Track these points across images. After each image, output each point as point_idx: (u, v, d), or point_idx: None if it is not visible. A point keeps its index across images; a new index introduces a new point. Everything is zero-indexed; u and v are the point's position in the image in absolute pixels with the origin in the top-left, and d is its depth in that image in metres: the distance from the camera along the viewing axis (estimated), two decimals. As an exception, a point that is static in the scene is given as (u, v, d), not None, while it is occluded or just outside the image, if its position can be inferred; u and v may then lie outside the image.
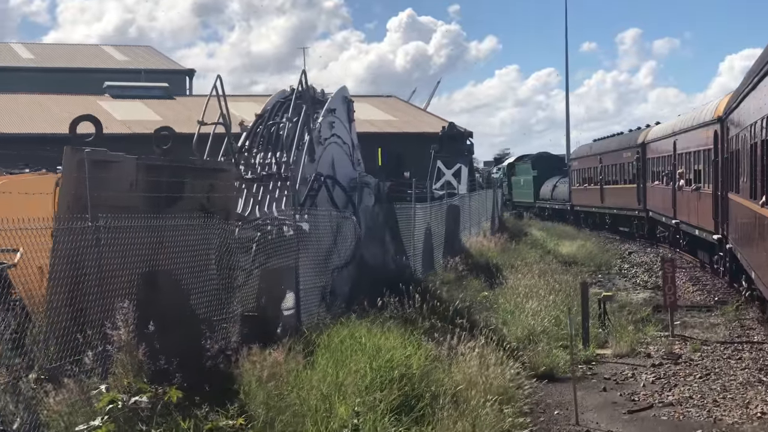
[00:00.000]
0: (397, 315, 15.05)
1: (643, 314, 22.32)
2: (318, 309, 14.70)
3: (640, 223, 44.45)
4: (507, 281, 24.52)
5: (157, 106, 47.89)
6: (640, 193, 42.77)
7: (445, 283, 23.27)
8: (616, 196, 47.36)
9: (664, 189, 36.50)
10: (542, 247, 39.59)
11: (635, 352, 17.84)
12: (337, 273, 16.59)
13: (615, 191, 47.52)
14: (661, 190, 37.48)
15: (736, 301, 23.54)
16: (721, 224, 25.78)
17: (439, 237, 26.42)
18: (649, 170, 40.95)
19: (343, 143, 18.99)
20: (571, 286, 24.80)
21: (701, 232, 29.41)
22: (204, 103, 16.40)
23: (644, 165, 41.91)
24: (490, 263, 28.21)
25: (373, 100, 57.61)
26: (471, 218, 36.03)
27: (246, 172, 16.53)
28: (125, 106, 48.46)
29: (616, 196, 47.23)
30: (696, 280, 29.43)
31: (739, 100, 20.99)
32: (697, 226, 30.03)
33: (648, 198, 41.67)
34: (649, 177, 40.90)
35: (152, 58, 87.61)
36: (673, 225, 35.55)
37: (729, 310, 22.49)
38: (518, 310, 19.70)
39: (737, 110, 21.69)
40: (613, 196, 47.95)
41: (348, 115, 19.55)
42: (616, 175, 47.75)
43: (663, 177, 37.05)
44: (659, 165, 38.56)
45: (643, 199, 42.47)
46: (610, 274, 33.36)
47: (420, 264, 23.31)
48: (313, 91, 19.26)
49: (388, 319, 14.80)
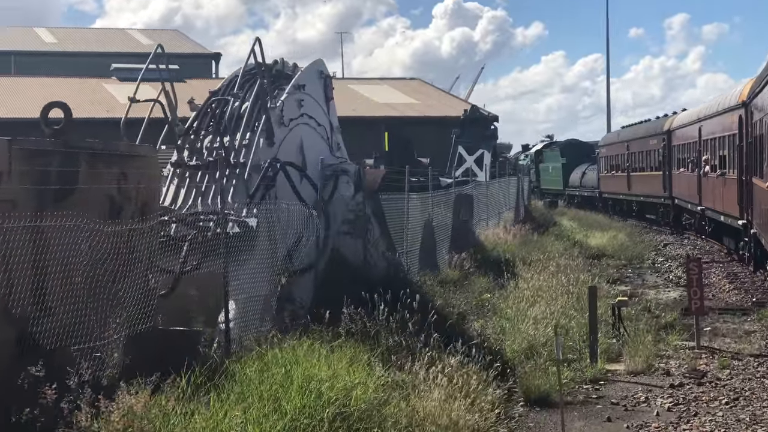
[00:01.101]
0: (357, 329, 12.54)
1: (669, 319, 19.69)
2: (261, 323, 12.28)
3: (666, 210, 43.75)
4: (518, 280, 21.95)
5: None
6: (665, 181, 42.26)
7: (445, 282, 20.76)
8: (642, 183, 46.87)
9: (690, 176, 36.23)
10: (569, 238, 36.93)
11: (652, 368, 15.20)
12: (298, 277, 14.14)
13: (642, 178, 47.03)
14: (687, 177, 37.18)
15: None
16: (746, 209, 25.60)
17: (444, 230, 23.87)
18: (675, 157, 40.58)
19: (318, 125, 16.50)
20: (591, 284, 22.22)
21: (726, 218, 29.10)
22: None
23: (670, 152, 41.46)
24: (503, 258, 25.63)
25: (395, 82, 55.20)
26: (490, 208, 33.39)
27: (191, 157, 14.15)
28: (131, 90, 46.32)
29: (643, 184, 46.75)
30: (733, 276, 26.63)
31: (763, 85, 20.59)
32: (722, 212, 29.74)
33: (674, 185, 41.21)
34: (675, 164, 40.54)
35: (179, 42, 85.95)
36: (698, 212, 35.07)
37: (767, 315, 19.76)
38: (521, 315, 17.16)
39: (761, 95, 21.34)
40: (639, 184, 47.52)
41: (325, 93, 17.04)
42: (642, 162, 47.30)
43: (688, 164, 36.77)
44: (684, 152, 38.35)
45: (668, 187, 41.93)
46: (642, 269, 30.68)
47: (417, 261, 20.78)
48: (281, 65, 16.82)
49: (345, 335, 12.32)
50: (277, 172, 13.81)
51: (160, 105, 14.52)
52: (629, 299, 23.04)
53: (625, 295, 22.40)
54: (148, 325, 9.44)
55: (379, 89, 53.91)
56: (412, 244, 20.66)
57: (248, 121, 14.46)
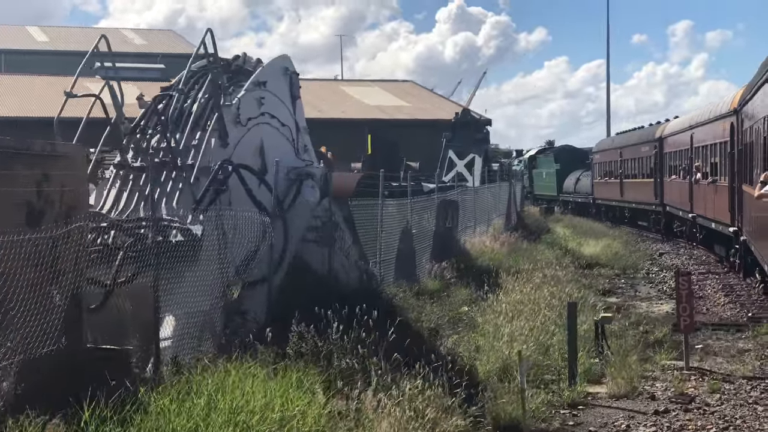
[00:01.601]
0: (308, 349, 11.39)
1: (659, 335, 18.55)
2: (200, 342, 11.14)
3: (657, 217, 43.87)
4: (501, 291, 20.79)
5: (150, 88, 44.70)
6: (657, 188, 42.27)
7: (423, 294, 19.61)
8: (634, 190, 47.00)
9: (681, 183, 36.29)
10: (562, 246, 35.78)
11: (637, 391, 14.04)
12: (250, 289, 13.00)
13: (634, 185, 47.14)
14: (678, 184, 37.25)
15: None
16: (737, 217, 25.76)
17: (425, 237, 22.72)
18: (667, 164, 40.72)
19: (281, 125, 15.35)
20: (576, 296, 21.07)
21: (717, 225, 29.23)
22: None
23: (661, 159, 41.55)
24: (488, 268, 24.46)
25: (386, 84, 54.10)
26: (479, 214, 32.19)
27: (135, 158, 13.00)
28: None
29: (635, 190, 46.86)
30: (729, 289, 25.49)
31: (753, 92, 20.73)
32: (714, 219, 29.90)
33: (665, 192, 41.25)
34: (667, 171, 40.66)
35: (172, 42, 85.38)
36: (689, 219, 35.13)
37: (763, 332, 18.61)
38: (498, 332, 15.99)
39: (751, 102, 21.58)
40: (632, 190, 47.63)
41: (290, 91, 15.88)
42: (635, 169, 47.39)
43: (680, 171, 36.73)
44: (676, 159, 38.51)
45: (660, 194, 41.94)
46: (635, 279, 29.56)
47: (392, 271, 19.63)
48: (242, 60, 15.67)
49: (294, 356, 11.18)
50: (229, 175, 12.66)
51: (100, 102, 13.37)
52: (617, 313, 21.96)
53: (613, 308, 21.34)
54: (50, 348, 8.27)
55: (371, 91, 52.88)
56: (387, 253, 19.51)
57: (199, 119, 13.32)
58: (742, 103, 24.79)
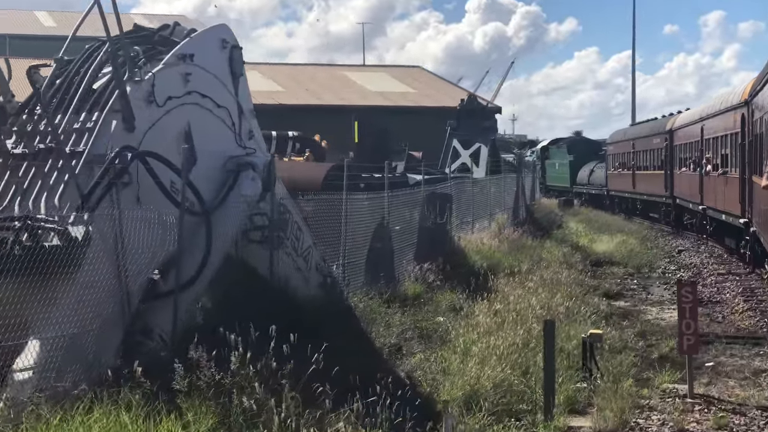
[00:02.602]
0: (207, 382, 9.15)
1: (664, 349, 16.25)
2: (75, 373, 8.94)
3: (668, 209, 43.41)
4: (487, 297, 18.51)
5: None
6: (667, 180, 41.91)
7: (399, 300, 17.33)
8: (646, 181, 46.58)
9: (691, 175, 36.14)
10: (572, 243, 33.39)
11: (627, 426, 11.74)
12: (154, 302, 10.76)
13: (645, 177, 46.69)
14: (688, 176, 37.11)
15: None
16: (747, 208, 25.76)
17: (408, 235, 20.42)
18: (677, 157, 40.44)
19: (216, 106, 13.08)
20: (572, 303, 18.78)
21: (728, 217, 29.02)
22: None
23: (672, 151, 41.27)
24: (481, 269, 22.15)
25: (394, 70, 51.80)
26: (479, 208, 29.73)
27: (18, 144, 10.78)
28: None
29: (646, 182, 46.49)
30: (749, 293, 23.09)
31: (763, 83, 20.88)
32: (724, 210, 29.72)
33: (675, 184, 40.93)
34: (677, 163, 40.35)
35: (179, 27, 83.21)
36: (700, 211, 34.89)
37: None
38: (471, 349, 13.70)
39: (761, 94, 21.72)
40: (643, 182, 47.18)
41: (231, 68, 13.58)
42: (646, 161, 47.08)
43: (690, 163, 36.64)
44: (686, 151, 38.40)
45: (670, 186, 41.59)
46: (650, 279, 27.22)
47: (362, 274, 17.35)
48: (170, 30, 13.39)
49: (188, 391, 8.94)
50: (128, 164, 10.41)
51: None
52: (623, 320, 19.71)
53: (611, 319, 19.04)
54: None
55: (375, 77, 50.65)
56: (356, 254, 17.22)
57: (98, 98, 11.07)
58: (752, 95, 24.51)
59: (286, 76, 53.52)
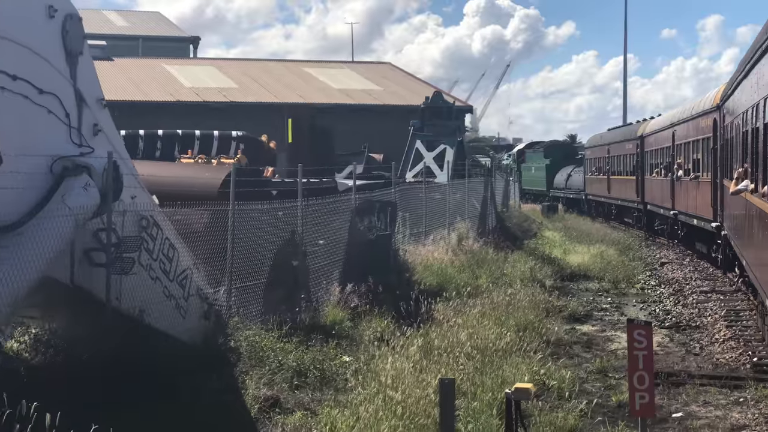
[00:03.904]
0: None
1: (626, 393, 13.27)
2: None
3: (639, 214, 43.54)
4: (424, 326, 15.56)
5: None
6: (638, 185, 42.05)
7: (308, 331, 14.32)
8: (619, 187, 46.96)
9: (662, 180, 36.35)
10: (543, 255, 30.47)
11: None
12: None
13: (619, 182, 47.00)
14: (659, 182, 37.31)
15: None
16: (720, 212, 25.90)
17: (334, 251, 17.41)
18: (648, 162, 40.67)
19: (38, 92, 10.12)
20: (515, 337, 15.77)
21: (699, 221, 29.28)
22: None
23: (642, 157, 41.58)
24: (424, 288, 19.16)
25: (360, 66, 48.97)
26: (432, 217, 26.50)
27: None
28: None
29: (620, 187, 46.84)
30: (734, 317, 20.22)
31: (733, 88, 21.44)
32: (696, 215, 29.99)
33: (646, 190, 41.12)
34: (648, 169, 40.54)
35: (156, 25, 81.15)
36: (671, 216, 34.87)
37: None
38: (374, 402, 10.69)
39: (731, 98, 22.29)
40: (617, 187, 47.53)
41: (64, 43, 10.61)
42: (620, 166, 47.25)
43: (661, 169, 36.67)
44: (657, 157, 38.58)
45: (641, 191, 41.71)
46: (626, 296, 24.48)
47: (260, 302, 14.32)
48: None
49: None
50: None
51: None
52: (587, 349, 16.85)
53: (561, 351, 16.10)
54: None
55: (339, 74, 47.76)
56: (252, 276, 14.19)
57: None
58: (723, 99, 24.63)
59: (241, 72, 50.88)
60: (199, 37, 79.44)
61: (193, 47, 76.51)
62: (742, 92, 19.14)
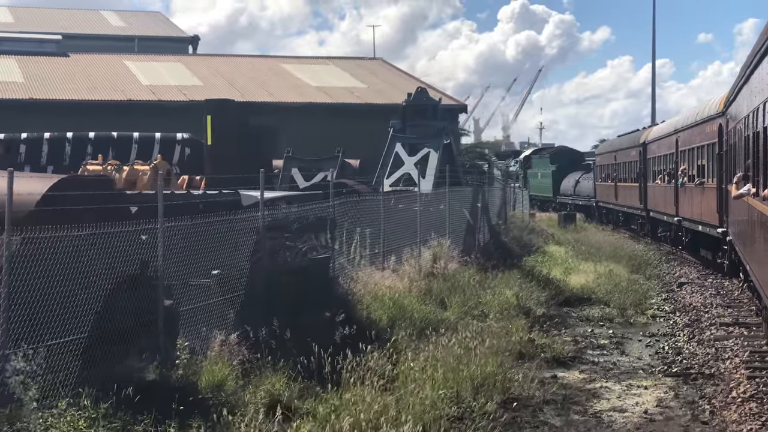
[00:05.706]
0: None
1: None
2: None
3: (643, 221, 43.43)
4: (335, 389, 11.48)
5: (33, 64, 37.25)
6: (641, 193, 42.08)
7: (148, 401, 10.24)
8: (625, 193, 46.96)
9: (665, 187, 36.38)
10: (540, 275, 26.31)
11: None
12: None
13: (625, 189, 47.04)
14: (662, 189, 37.28)
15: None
16: (725, 218, 25.89)
17: (227, 286, 13.34)
18: (650, 170, 40.76)
19: None
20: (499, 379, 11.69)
21: (705, 227, 29.11)
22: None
23: (645, 164, 41.69)
24: (364, 326, 15.06)
25: (346, 62, 45.08)
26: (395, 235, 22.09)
27: None
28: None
29: (625, 194, 46.76)
30: (760, 361, 16.27)
31: (736, 93, 21.78)
32: (701, 221, 29.72)
33: (648, 197, 41.03)
34: (650, 176, 40.63)
35: (155, 25, 78.44)
36: (675, 222, 34.61)
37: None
38: None
39: (734, 103, 22.55)
40: (623, 194, 47.42)
41: None
42: (625, 172, 47.50)
43: (664, 176, 36.73)
44: (660, 164, 38.67)
45: (644, 199, 41.69)
46: (631, 327, 20.89)
47: (78, 365, 10.24)
48: None
49: None
50: None
51: None
52: (564, 411, 12.91)
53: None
54: None
55: (321, 70, 43.96)
56: (66, 329, 10.12)
57: None
58: (727, 105, 24.91)
59: (210, 69, 47.26)
60: (198, 36, 76.51)
61: (193, 47, 73.42)
62: (744, 97, 19.15)
